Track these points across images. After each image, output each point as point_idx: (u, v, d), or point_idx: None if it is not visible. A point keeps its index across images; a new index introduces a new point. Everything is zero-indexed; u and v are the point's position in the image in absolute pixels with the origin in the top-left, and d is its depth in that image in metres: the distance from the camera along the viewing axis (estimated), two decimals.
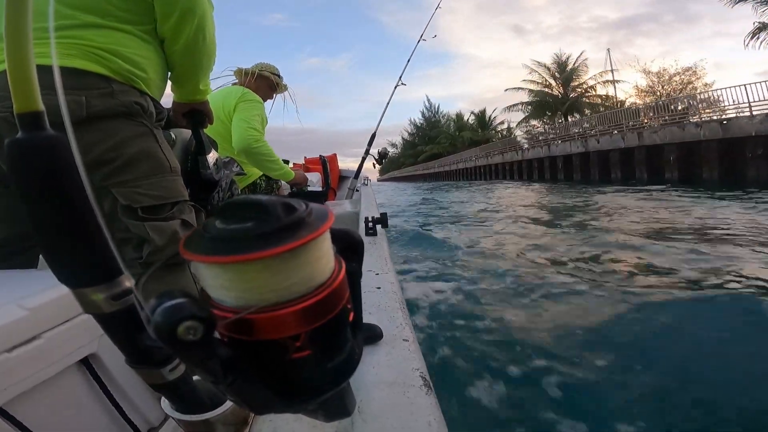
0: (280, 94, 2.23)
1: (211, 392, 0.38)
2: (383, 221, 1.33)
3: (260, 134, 1.90)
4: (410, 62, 3.94)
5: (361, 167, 3.71)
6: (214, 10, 0.89)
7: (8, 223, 0.79)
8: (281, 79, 2.17)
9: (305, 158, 3.74)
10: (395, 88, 3.97)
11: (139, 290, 0.21)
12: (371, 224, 1.31)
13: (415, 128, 55.82)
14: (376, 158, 3.72)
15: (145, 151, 0.79)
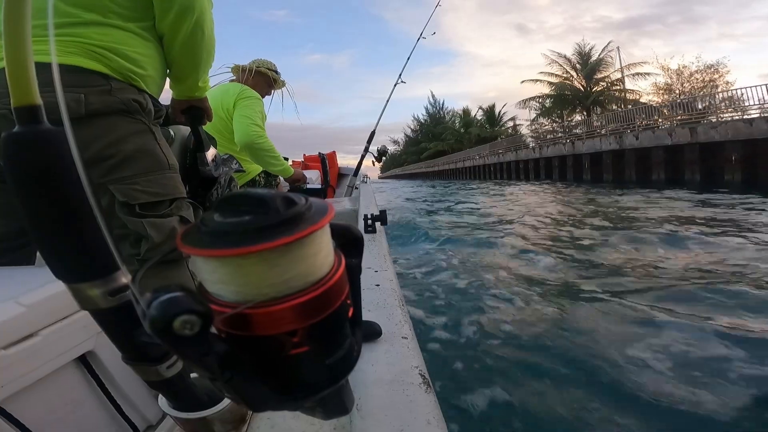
0: (278, 90, 2.23)
1: (208, 390, 0.38)
2: (382, 219, 1.33)
3: (262, 130, 1.93)
4: (411, 60, 3.95)
5: (360, 165, 3.71)
6: (213, 6, 0.89)
7: (6, 218, 0.78)
8: (279, 75, 2.17)
9: (304, 155, 3.74)
10: (395, 85, 3.98)
11: (135, 285, 0.20)
12: (370, 221, 1.31)
13: (418, 125, 53.86)
14: (375, 156, 3.72)
15: (143, 148, 0.79)
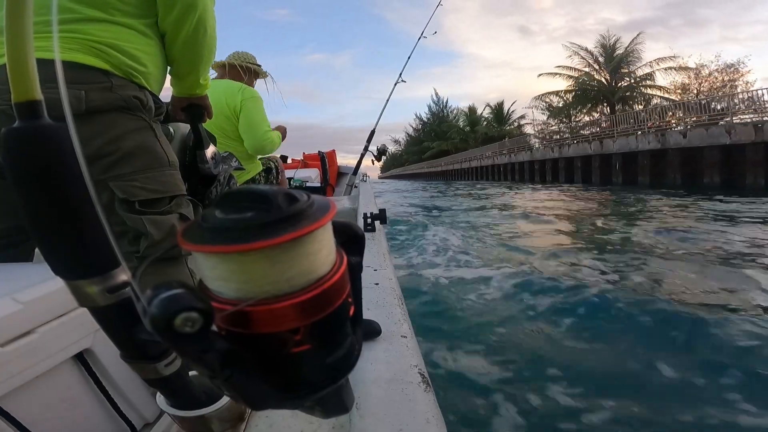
0: (262, 79, 2.27)
1: (207, 388, 0.38)
2: (382, 217, 1.33)
3: (272, 133, 2.03)
4: (412, 60, 3.94)
5: (359, 164, 3.71)
6: (215, 4, 0.89)
7: (4, 215, 0.78)
8: (260, 66, 2.22)
9: (304, 154, 3.74)
10: (395, 85, 3.98)
11: (136, 282, 0.20)
12: (370, 220, 1.31)
13: (421, 123, 51.98)
14: (375, 155, 3.72)
15: (143, 145, 0.79)
